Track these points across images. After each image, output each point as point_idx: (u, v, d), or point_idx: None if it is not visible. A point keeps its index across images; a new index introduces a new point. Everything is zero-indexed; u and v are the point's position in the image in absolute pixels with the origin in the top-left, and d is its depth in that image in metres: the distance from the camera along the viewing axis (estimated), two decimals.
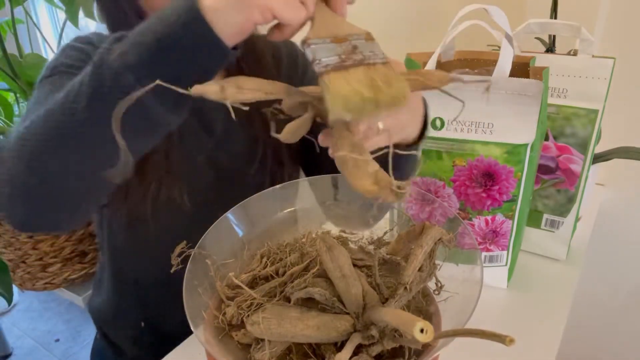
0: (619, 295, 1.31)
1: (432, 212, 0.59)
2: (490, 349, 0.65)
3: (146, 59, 0.40)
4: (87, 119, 0.42)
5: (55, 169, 0.45)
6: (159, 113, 0.42)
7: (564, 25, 0.77)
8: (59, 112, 0.43)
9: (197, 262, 0.47)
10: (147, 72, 0.40)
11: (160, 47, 0.40)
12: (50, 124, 0.44)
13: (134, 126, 0.41)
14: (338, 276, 0.43)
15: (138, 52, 0.40)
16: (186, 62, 0.41)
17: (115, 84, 0.40)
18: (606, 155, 0.91)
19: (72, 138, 0.44)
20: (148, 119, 0.42)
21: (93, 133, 0.43)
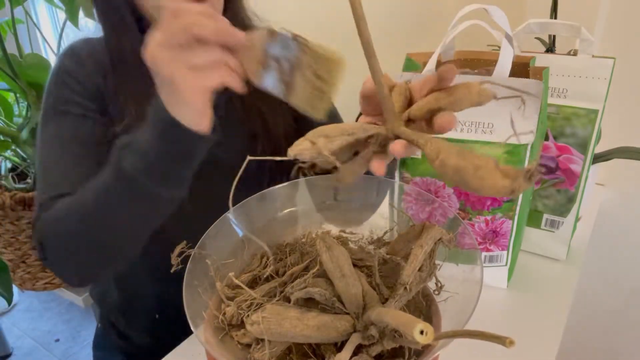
0: (619, 295, 1.31)
1: (432, 212, 0.59)
2: (490, 349, 0.65)
3: (152, 163, 0.50)
4: (119, 212, 0.54)
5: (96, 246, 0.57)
6: (162, 192, 0.52)
7: (564, 25, 0.77)
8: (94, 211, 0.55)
9: (197, 262, 0.47)
10: (155, 173, 0.50)
11: (158, 154, 0.49)
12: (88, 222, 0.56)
13: (145, 208, 0.54)
14: (338, 276, 0.43)
15: (144, 160, 0.50)
16: (178, 154, 0.49)
17: (135, 185, 0.51)
18: (606, 155, 0.91)
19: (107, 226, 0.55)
20: (155, 200, 0.53)
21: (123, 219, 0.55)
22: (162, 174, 0.51)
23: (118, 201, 0.53)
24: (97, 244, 0.57)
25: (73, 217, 0.56)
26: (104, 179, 0.53)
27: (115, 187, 0.52)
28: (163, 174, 0.51)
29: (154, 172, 0.50)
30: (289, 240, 0.53)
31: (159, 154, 0.49)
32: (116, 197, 0.52)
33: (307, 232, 0.52)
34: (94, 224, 0.55)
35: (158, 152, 0.49)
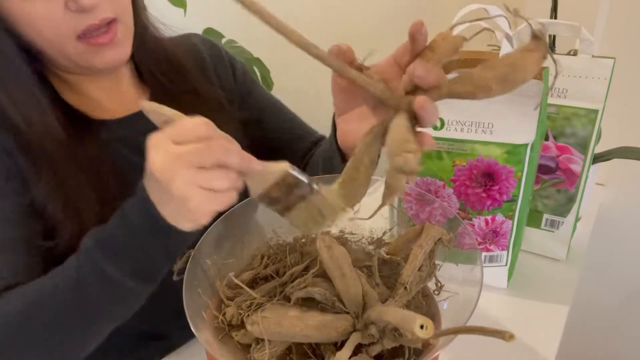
0: (619, 295, 1.31)
1: (432, 212, 0.59)
2: (490, 349, 0.65)
3: (139, 266, 0.48)
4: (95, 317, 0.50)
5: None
6: (145, 289, 0.50)
7: (564, 25, 0.77)
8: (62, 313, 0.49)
9: (197, 262, 0.47)
10: (142, 274, 0.48)
11: (145, 255, 0.47)
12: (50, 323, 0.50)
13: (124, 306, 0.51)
14: (338, 276, 0.43)
15: (131, 264, 0.47)
16: (168, 256, 0.48)
17: (120, 288, 0.48)
18: (606, 155, 0.91)
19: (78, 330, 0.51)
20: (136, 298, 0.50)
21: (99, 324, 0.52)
22: (150, 272, 0.49)
23: (99, 302, 0.49)
24: (67, 341, 0.52)
25: (35, 324, 0.50)
26: (74, 282, 0.49)
27: (95, 290, 0.48)
28: (151, 272, 0.49)
29: (142, 272, 0.48)
30: (289, 240, 0.53)
31: (150, 256, 0.47)
32: (95, 297, 0.48)
33: None
34: (64, 323, 0.50)
35: (149, 255, 0.47)
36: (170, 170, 0.40)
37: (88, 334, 0.52)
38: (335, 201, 0.42)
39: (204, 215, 0.42)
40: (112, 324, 0.53)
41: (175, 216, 0.44)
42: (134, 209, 0.46)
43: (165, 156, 0.40)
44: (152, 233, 0.45)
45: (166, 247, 0.47)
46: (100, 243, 0.48)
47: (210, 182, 0.41)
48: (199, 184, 0.40)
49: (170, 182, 0.40)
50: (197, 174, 0.40)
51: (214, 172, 0.41)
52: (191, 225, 0.44)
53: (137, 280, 0.48)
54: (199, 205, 0.41)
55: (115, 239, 0.47)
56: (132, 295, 0.49)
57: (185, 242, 0.47)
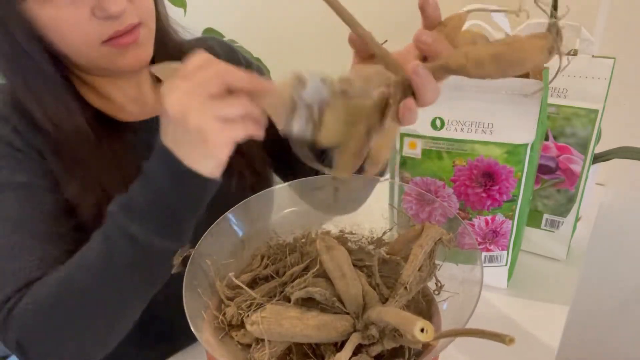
0: (619, 295, 1.31)
1: (432, 212, 0.59)
2: (490, 349, 0.65)
3: (164, 222, 0.47)
4: (126, 283, 0.50)
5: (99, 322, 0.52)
6: (173, 248, 0.48)
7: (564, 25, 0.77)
8: (94, 285, 0.49)
9: (197, 262, 0.47)
10: (169, 231, 0.48)
11: (168, 210, 0.47)
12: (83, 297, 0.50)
13: (157, 268, 0.50)
14: (338, 276, 0.43)
15: (155, 221, 0.47)
16: (191, 208, 0.48)
17: (149, 249, 0.48)
18: (606, 155, 0.91)
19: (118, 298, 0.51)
20: (166, 258, 0.48)
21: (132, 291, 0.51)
22: (177, 228, 0.48)
23: (128, 267, 0.49)
24: (102, 320, 0.52)
25: (70, 299, 0.50)
26: (102, 250, 0.49)
27: (123, 254, 0.48)
28: (177, 228, 0.48)
29: (168, 229, 0.48)
30: (289, 240, 0.53)
31: (174, 209, 0.47)
32: (126, 264, 0.48)
33: (307, 232, 0.52)
34: (98, 298, 0.50)
35: (173, 208, 0.47)
36: (183, 104, 0.41)
37: (121, 308, 0.52)
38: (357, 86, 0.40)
39: (222, 147, 0.43)
40: (145, 294, 0.52)
41: (194, 154, 0.44)
42: (153, 162, 0.47)
43: (178, 94, 0.42)
44: (172, 181, 0.45)
45: (188, 197, 0.47)
46: (124, 205, 0.48)
47: (223, 109, 0.41)
48: (213, 113, 0.41)
49: (185, 116, 0.41)
50: (209, 103, 0.41)
51: (225, 100, 0.42)
52: (211, 162, 0.44)
53: (164, 239, 0.47)
54: (216, 135, 0.42)
55: (137, 199, 0.47)
56: (161, 256, 0.48)
57: (204, 190, 0.47)
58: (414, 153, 0.71)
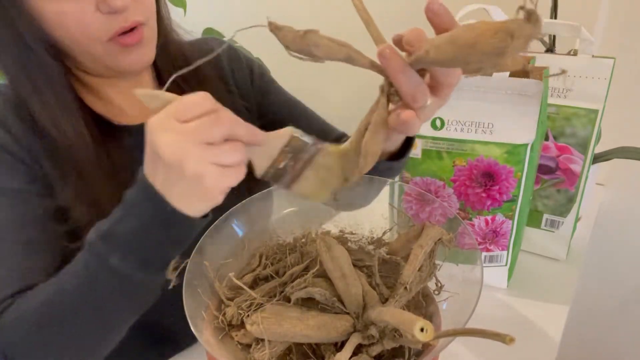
0: (619, 295, 1.31)
1: (432, 212, 0.59)
2: (490, 349, 0.65)
3: (147, 257, 0.46)
4: (108, 312, 0.49)
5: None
6: (156, 281, 0.47)
7: (564, 25, 0.77)
8: (76, 311, 0.48)
9: (197, 262, 0.47)
10: (152, 266, 0.46)
11: (153, 245, 0.45)
12: (66, 319, 0.49)
13: (139, 300, 0.49)
14: (338, 276, 0.43)
15: (138, 255, 0.45)
16: (176, 244, 0.46)
17: (128, 280, 0.46)
18: (606, 155, 0.91)
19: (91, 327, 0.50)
20: (149, 291, 0.48)
21: (113, 319, 0.50)
22: (160, 262, 0.46)
23: (110, 298, 0.47)
24: (84, 343, 0.51)
25: (53, 320, 0.49)
26: (84, 277, 0.47)
27: (104, 285, 0.46)
28: (161, 262, 0.46)
29: (150, 263, 0.46)
30: (289, 240, 0.53)
31: (157, 244, 0.45)
32: (107, 295, 0.47)
33: (307, 232, 0.52)
34: (78, 324, 0.49)
35: (156, 243, 0.45)
36: (182, 149, 0.39)
37: (106, 330, 0.51)
38: (343, 151, 0.41)
39: (219, 193, 0.42)
40: (131, 317, 0.51)
41: (188, 199, 0.42)
42: (136, 195, 0.44)
43: (173, 136, 0.39)
44: (158, 221, 0.44)
45: (173, 235, 0.45)
46: (104, 235, 0.46)
47: (222, 157, 0.40)
48: (211, 160, 0.39)
49: (183, 162, 0.39)
50: (208, 150, 0.39)
51: (224, 147, 0.40)
52: (205, 204, 0.43)
53: (147, 272, 0.46)
54: (215, 182, 0.40)
55: (118, 230, 0.45)
56: (144, 287, 0.48)
57: (192, 229, 0.45)
58: (414, 153, 0.71)
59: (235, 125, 0.41)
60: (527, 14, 0.31)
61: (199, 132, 0.39)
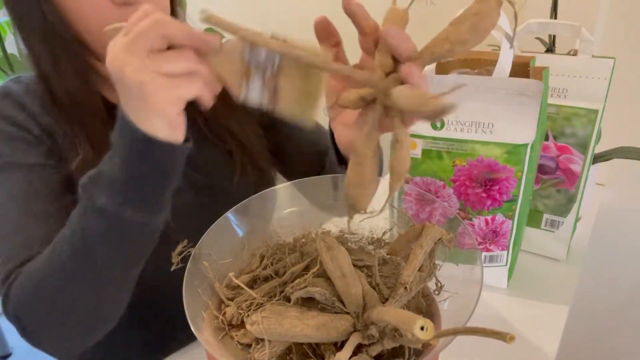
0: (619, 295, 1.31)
1: (432, 212, 0.59)
2: (490, 349, 0.65)
3: (131, 192, 0.45)
4: (102, 259, 0.48)
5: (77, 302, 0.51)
6: (146, 221, 0.47)
7: (564, 25, 0.77)
8: (72, 262, 0.49)
9: (197, 262, 0.47)
10: (137, 202, 0.46)
11: (134, 179, 0.45)
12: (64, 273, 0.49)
13: (132, 244, 0.48)
14: (338, 276, 0.43)
15: (123, 192, 0.45)
16: (158, 176, 0.45)
17: (119, 221, 0.46)
18: (606, 155, 0.91)
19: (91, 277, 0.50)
20: (140, 232, 0.48)
21: (110, 268, 0.50)
22: (147, 199, 0.46)
23: (102, 242, 0.47)
24: (86, 297, 0.51)
25: (53, 275, 0.50)
26: (77, 224, 0.48)
27: (95, 228, 0.46)
28: (147, 199, 0.46)
29: (136, 200, 0.45)
30: (289, 240, 0.53)
31: (139, 178, 0.45)
32: (98, 238, 0.47)
33: (307, 232, 0.52)
34: (78, 275, 0.49)
35: (138, 177, 0.44)
36: (119, 59, 0.39)
37: (106, 281, 0.50)
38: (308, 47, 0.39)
39: (167, 104, 0.40)
40: (130, 265, 0.51)
41: (140, 114, 0.41)
42: (115, 131, 0.44)
43: (115, 48, 0.40)
44: (133, 148, 0.43)
45: (152, 164, 0.44)
46: (92, 177, 0.46)
47: (164, 64, 0.39)
48: (153, 68, 0.39)
49: (123, 71, 0.39)
50: (147, 57, 0.39)
51: (166, 53, 0.39)
52: (159, 121, 0.41)
53: (135, 211, 0.45)
54: (156, 89, 0.39)
55: (104, 170, 0.46)
56: (135, 228, 0.47)
57: (170, 156, 0.44)
58: (414, 153, 0.71)
59: (171, 24, 0.39)
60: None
61: (135, 39, 0.39)
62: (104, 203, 0.45)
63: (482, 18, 0.38)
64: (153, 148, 0.42)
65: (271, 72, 0.40)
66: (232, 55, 0.40)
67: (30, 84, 0.63)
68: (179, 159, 0.45)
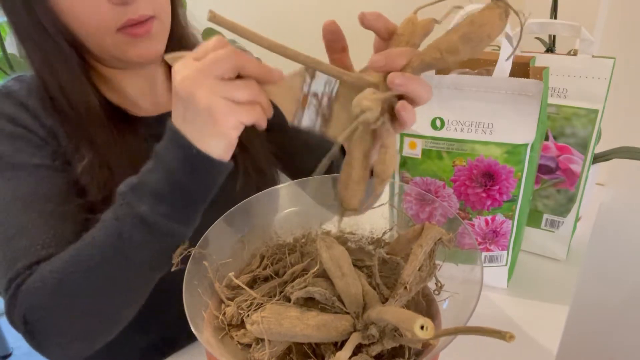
0: (619, 295, 1.31)
1: (432, 212, 0.59)
2: (490, 349, 0.65)
3: (174, 204, 0.47)
4: (133, 267, 0.49)
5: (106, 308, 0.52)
6: (181, 232, 0.49)
7: (564, 25, 0.77)
8: (101, 267, 0.49)
9: (197, 262, 0.47)
10: (178, 214, 0.48)
11: (179, 192, 0.47)
12: (90, 277, 0.49)
13: (163, 252, 0.48)
14: (338, 276, 0.43)
15: (165, 203, 0.47)
16: (201, 191, 0.48)
17: (157, 229, 0.47)
18: (606, 155, 0.91)
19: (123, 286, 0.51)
20: (173, 242, 0.48)
21: (138, 275, 0.51)
22: (187, 212, 0.48)
23: (137, 250, 0.48)
24: (107, 303, 0.51)
25: (76, 278, 0.49)
26: (112, 229, 0.48)
27: (132, 234, 0.47)
28: (187, 212, 0.48)
29: (178, 212, 0.48)
30: (289, 240, 0.53)
31: (185, 192, 0.47)
32: (134, 246, 0.48)
33: (307, 232, 0.52)
34: (105, 280, 0.50)
35: (184, 190, 0.47)
36: (193, 81, 0.42)
37: (129, 287, 0.51)
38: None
39: (231, 128, 0.43)
40: (155, 273, 0.52)
41: (204, 134, 0.44)
42: (164, 143, 0.47)
43: (188, 72, 0.42)
44: (183, 162, 0.45)
45: (198, 179, 0.46)
46: (134, 186, 0.48)
47: (232, 91, 0.42)
48: (222, 93, 0.42)
49: (194, 93, 0.41)
50: (219, 83, 0.42)
51: (235, 82, 0.42)
52: (220, 143, 0.44)
53: (173, 222, 0.47)
54: (224, 114, 0.42)
55: (147, 180, 0.47)
56: (171, 238, 0.48)
57: (216, 173, 0.47)
58: (414, 153, 0.71)
59: (245, 59, 0.43)
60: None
61: (210, 65, 0.42)
62: (145, 212, 0.46)
63: (477, 28, 0.37)
64: (205, 164, 0.45)
65: (328, 99, 0.43)
66: (291, 84, 0.43)
67: (32, 83, 0.63)
68: (224, 176, 0.48)
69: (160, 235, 0.48)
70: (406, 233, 0.48)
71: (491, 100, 0.65)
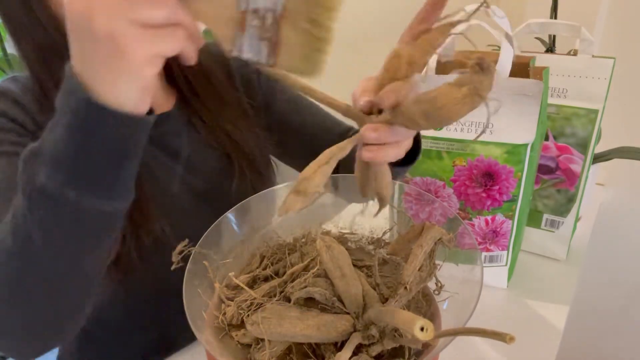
0: (619, 295, 1.31)
1: (432, 212, 0.59)
2: (490, 349, 0.65)
3: (76, 170, 0.37)
4: (44, 247, 0.40)
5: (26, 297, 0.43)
6: (97, 206, 0.39)
7: (564, 25, 0.77)
8: (16, 253, 0.41)
9: (197, 262, 0.47)
10: (84, 182, 0.38)
11: (81, 155, 0.37)
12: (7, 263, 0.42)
13: (84, 232, 0.40)
14: (338, 276, 0.43)
15: (65, 168, 0.37)
16: (112, 153, 0.37)
17: (63, 203, 0.38)
18: (606, 155, 0.91)
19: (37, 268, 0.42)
20: (92, 219, 0.39)
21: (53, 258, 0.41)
22: (98, 181, 0.38)
23: (40, 228, 0.39)
24: (35, 291, 0.43)
25: (2, 262, 0.42)
26: (18, 207, 0.40)
27: (36, 210, 0.38)
28: (99, 181, 0.38)
29: (84, 181, 0.37)
30: (289, 240, 0.53)
31: (88, 154, 0.36)
32: (41, 223, 0.39)
33: (307, 232, 0.52)
34: (20, 265, 0.41)
35: (88, 152, 0.36)
36: (89, 5, 0.32)
37: (52, 274, 0.42)
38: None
39: (143, 63, 0.33)
40: (80, 259, 0.42)
41: (108, 74, 0.33)
42: (60, 94, 0.37)
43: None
44: (84, 119, 0.35)
45: (105, 139, 0.36)
46: (33, 149, 0.38)
47: (143, 11, 0.32)
48: (129, 16, 0.32)
49: (91, 19, 0.31)
50: (122, 1, 0.31)
51: (142, 2, 0.32)
52: (130, 85, 0.34)
53: (80, 191, 0.37)
54: (135, 45, 0.32)
55: (46, 141, 0.37)
56: (82, 213, 0.38)
57: (126, 130, 0.36)
58: None
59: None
60: (479, 66, 0.32)
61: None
62: (44, 181, 0.37)
63: (435, 110, 0.33)
64: (110, 118, 0.35)
65: (272, 19, 0.33)
66: (224, 1, 0.33)
67: (27, 83, 0.61)
68: (143, 134, 0.38)
69: (70, 210, 0.38)
70: (406, 233, 0.48)
71: (491, 100, 0.65)
